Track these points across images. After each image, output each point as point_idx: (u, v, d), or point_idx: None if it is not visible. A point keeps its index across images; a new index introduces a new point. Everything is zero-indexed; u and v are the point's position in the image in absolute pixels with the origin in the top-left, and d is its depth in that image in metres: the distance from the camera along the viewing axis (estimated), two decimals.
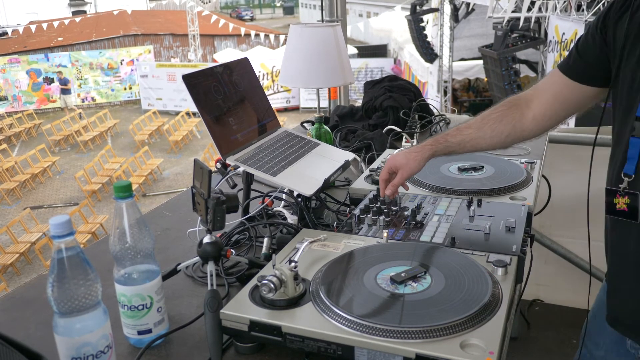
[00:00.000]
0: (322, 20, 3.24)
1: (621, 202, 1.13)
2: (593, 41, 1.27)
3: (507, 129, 1.41)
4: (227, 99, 1.64)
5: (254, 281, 1.16)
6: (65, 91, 19.67)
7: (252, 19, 50.80)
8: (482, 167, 1.81)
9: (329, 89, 3.11)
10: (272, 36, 22.09)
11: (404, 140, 2.30)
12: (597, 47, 1.26)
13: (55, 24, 22.84)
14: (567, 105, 1.37)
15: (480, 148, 1.45)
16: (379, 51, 22.15)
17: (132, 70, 21.17)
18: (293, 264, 1.14)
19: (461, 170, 1.80)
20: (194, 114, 16.95)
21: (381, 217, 1.47)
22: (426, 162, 1.45)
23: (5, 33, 24.06)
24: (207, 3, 22.71)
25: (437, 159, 1.50)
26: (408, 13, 13.37)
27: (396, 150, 1.79)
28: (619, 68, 1.19)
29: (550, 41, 9.43)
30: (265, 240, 1.49)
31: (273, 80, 19.28)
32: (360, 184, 1.77)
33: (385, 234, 1.35)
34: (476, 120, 1.45)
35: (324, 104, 3.07)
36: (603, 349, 1.33)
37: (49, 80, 20.54)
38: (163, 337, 1.16)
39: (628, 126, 1.13)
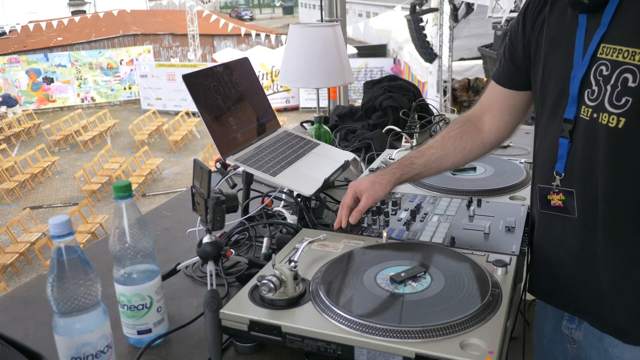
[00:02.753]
0: (322, 20, 3.24)
1: (556, 199, 1.19)
2: (517, 44, 1.30)
3: (468, 144, 1.43)
4: (227, 98, 1.64)
5: (253, 281, 1.16)
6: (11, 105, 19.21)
7: (251, 19, 50.82)
8: (482, 167, 1.81)
9: (329, 89, 3.11)
10: (272, 36, 22.09)
11: (403, 140, 2.30)
12: (522, 49, 1.29)
13: (55, 23, 22.83)
14: (516, 112, 1.40)
15: (446, 167, 1.46)
16: (379, 51, 22.15)
17: (131, 70, 21.18)
18: (293, 263, 1.14)
19: (461, 170, 1.80)
20: (194, 113, 16.96)
21: (381, 217, 1.47)
22: (393, 187, 1.42)
23: (4, 33, 24.06)
24: (206, 3, 22.69)
25: None
26: (407, 13, 13.36)
27: (362, 175, 1.78)
28: (538, 69, 1.22)
29: None
30: (265, 240, 1.49)
31: (273, 80, 19.28)
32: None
33: (385, 234, 1.35)
34: (436, 140, 1.45)
35: (324, 103, 3.07)
36: (547, 336, 1.36)
37: (49, 80, 20.53)
38: (163, 337, 1.16)
39: (555, 127, 1.17)
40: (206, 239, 1.18)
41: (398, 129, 2.37)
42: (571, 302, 1.24)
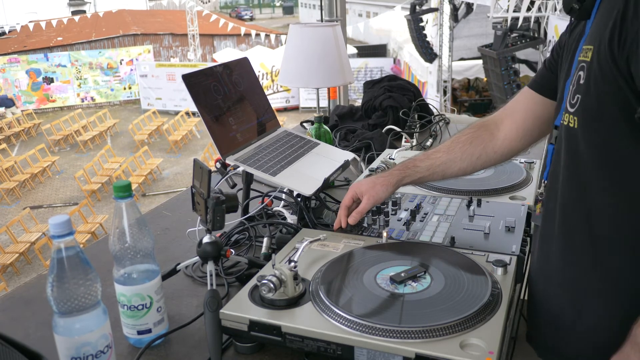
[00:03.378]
0: (322, 20, 3.24)
1: (537, 209, 1.19)
2: (557, 54, 1.28)
3: (477, 150, 1.37)
4: (227, 98, 1.64)
5: (253, 281, 1.16)
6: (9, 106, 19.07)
7: (251, 19, 50.80)
8: None
9: (329, 89, 3.11)
10: (272, 36, 22.08)
11: (403, 140, 2.31)
12: (559, 60, 1.27)
13: (55, 23, 22.83)
14: (539, 122, 1.34)
15: (451, 172, 1.40)
16: (379, 51, 22.14)
17: (131, 70, 21.17)
18: (293, 263, 1.14)
19: None
20: (194, 113, 16.95)
21: (381, 217, 1.46)
22: (394, 189, 1.39)
23: (4, 33, 24.06)
24: (206, 3, 22.69)
25: None
26: (408, 13, 13.36)
27: (362, 176, 1.78)
28: (558, 79, 1.22)
29: (550, 41, 9.43)
30: (265, 240, 1.49)
31: (272, 80, 19.28)
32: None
33: (385, 234, 1.35)
34: (445, 144, 1.41)
35: (324, 103, 3.07)
36: None
37: (49, 80, 20.53)
38: (163, 337, 1.16)
39: (552, 134, 1.18)
40: (206, 239, 1.18)
41: (398, 129, 2.37)
42: (531, 334, 1.23)
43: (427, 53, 13.43)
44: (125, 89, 21.49)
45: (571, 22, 1.23)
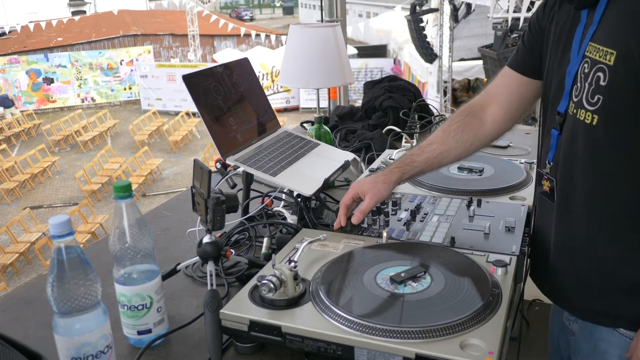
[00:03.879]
0: (322, 21, 3.24)
1: (545, 185, 1.26)
2: (536, 31, 1.31)
3: (469, 137, 1.42)
4: (227, 99, 1.64)
5: (253, 281, 1.16)
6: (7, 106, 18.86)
7: (251, 19, 50.81)
8: (482, 167, 1.81)
9: (329, 89, 3.11)
10: (272, 36, 22.08)
11: (403, 140, 2.30)
12: (539, 37, 1.31)
13: (55, 23, 22.83)
14: (524, 102, 1.40)
15: (448, 161, 1.45)
16: (379, 51, 22.14)
17: (131, 70, 21.17)
18: (293, 263, 1.14)
19: (461, 170, 1.80)
20: (194, 114, 16.95)
21: (381, 217, 1.46)
22: (395, 186, 1.42)
23: (4, 33, 24.06)
24: (206, 3, 22.68)
25: None
26: (408, 13, 13.36)
27: (362, 175, 1.78)
28: (546, 61, 1.26)
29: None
30: (265, 240, 1.49)
31: (273, 81, 19.28)
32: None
33: (385, 234, 1.35)
34: (436, 135, 1.44)
35: (324, 104, 3.07)
36: (555, 326, 1.40)
37: (49, 81, 20.53)
38: (163, 337, 1.16)
39: (552, 118, 1.23)
40: (206, 239, 1.18)
41: (398, 129, 2.37)
42: (555, 292, 1.29)
43: (427, 53, 13.43)
44: (125, 89, 21.49)
45: (552, 3, 1.26)
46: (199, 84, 1.56)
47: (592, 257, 1.18)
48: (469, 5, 13.20)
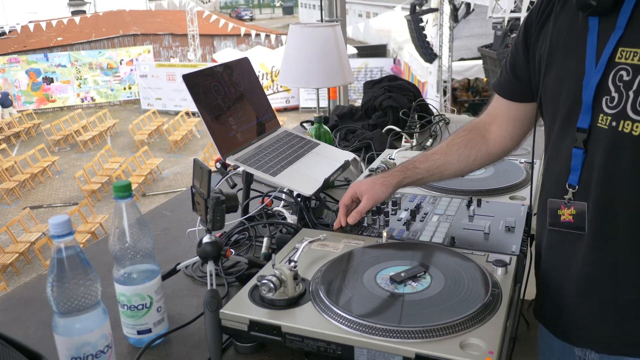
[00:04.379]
0: (322, 20, 3.23)
1: (567, 214, 1.13)
2: (518, 56, 1.26)
3: (473, 152, 1.40)
4: (227, 98, 1.64)
5: (253, 281, 1.16)
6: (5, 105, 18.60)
7: (251, 19, 50.81)
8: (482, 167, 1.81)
9: (329, 89, 3.11)
10: (272, 36, 22.08)
11: (403, 140, 2.31)
12: (524, 61, 1.25)
13: (55, 23, 22.83)
14: (520, 123, 1.35)
15: (449, 173, 1.42)
16: (379, 51, 22.14)
17: (131, 70, 21.17)
18: (293, 263, 1.14)
19: None
20: (194, 113, 16.96)
21: (381, 217, 1.46)
22: (394, 190, 1.41)
23: (4, 33, 24.05)
24: (206, 3, 22.67)
25: None
26: (407, 13, 13.36)
27: (362, 176, 1.78)
28: (548, 78, 1.18)
29: None
30: (265, 240, 1.49)
31: (273, 80, 19.28)
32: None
33: (384, 234, 1.35)
34: (441, 146, 1.43)
35: (324, 103, 3.07)
36: (556, 355, 1.31)
37: (49, 80, 20.53)
38: (163, 337, 1.16)
39: (569, 137, 1.12)
40: (206, 239, 1.18)
41: (398, 129, 2.37)
42: (577, 334, 1.19)
43: (427, 53, 13.43)
44: (125, 89, 21.49)
45: (539, 17, 1.20)
46: (199, 84, 1.56)
47: (636, 287, 1.08)
48: (468, 5, 13.20)
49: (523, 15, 9.45)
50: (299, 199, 1.56)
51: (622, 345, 1.12)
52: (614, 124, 1.04)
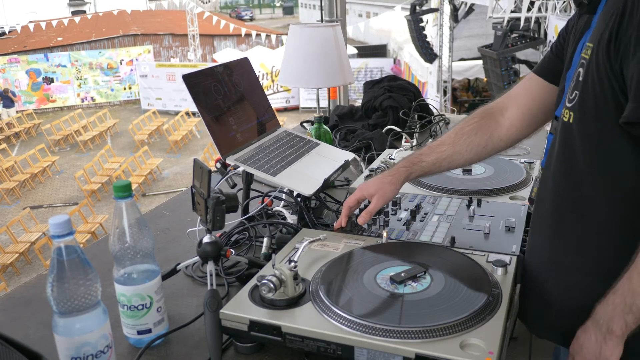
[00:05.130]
0: (322, 20, 3.23)
1: (534, 192, 1.21)
2: (563, 39, 1.29)
3: (483, 140, 1.37)
4: (227, 98, 1.64)
5: (253, 281, 1.16)
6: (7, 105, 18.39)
7: (251, 19, 50.79)
8: (482, 167, 1.82)
9: (329, 89, 3.11)
10: (272, 36, 22.07)
11: (403, 140, 2.31)
12: (566, 45, 1.29)
13: (55, 23, 22.83)
14: (545, 108, 1.33)
15: (457, 164, 1.40)
16: (379, 51, 22.14)
17: (131, 70, 21.16)
18: (293, 263, 1.14)
19: (461, 170, 1.80)
20: (194, 113, 16.95)
21: (381, 217, 1.46)
22: (401, 186, 1.39)
23: (4, 33, 24.06)
24: (206, 3, 22.67)
25: None
26: (408, 13, 13.36)
27: (362, 176, 1.78)
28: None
29: (550, 41, 9.43)
30: (265, 240, 1.49)
31: (273, 80, 19.27)
32: (360, 184, 1.77)
33: (385, 234, 1.35)
34: (449, 135, 1.40)
35: (324, 103, 3.07)
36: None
37: (49, 80, 20.53)
38: (163, 337, 1.16)
39: (552, 124, 1.22)
40: (206, 239, 1.18)
41: (398, 129, 2.37)
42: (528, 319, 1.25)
43: (427, 53, 13.43)
44: (125, 89, 21.48)
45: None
46: (199, 84, 1.56)
47: (561, 269, 1.13)
48: (468, 5, 13.20)
49: (523, 15, 9.45)
50: (299, 199, 1.56)
51: (556, 334, 1.18)
52: (561, 112, 1.12)
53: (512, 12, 9.58)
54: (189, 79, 1.53)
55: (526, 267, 1.24)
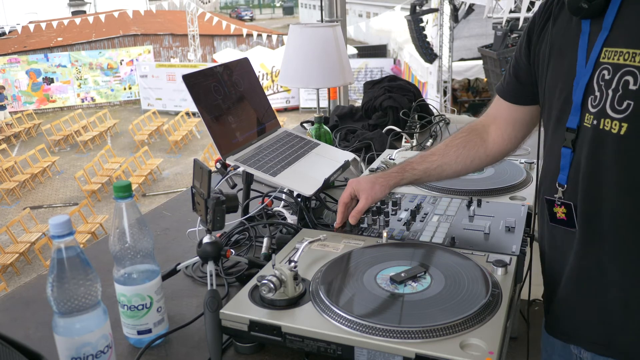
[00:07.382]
0: (322, 21, 3.24)
1: (560, 212, 1.16)
2: (521, 59, 1.29)
3: (471, 154, 1.42)
4: (227, 99, 1.64)
5: (253, 281, 1.16)
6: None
7: (251, 19, 50.80)
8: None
9: (329, 89, 3.11)
10: (272, 36, 22.07)
11: (403, 140, 2.31)
12: (526, 64, 1.28)
13: (55, 24, 22.82)
14: (520, 126, 1.38)
15: (447, 175, 1.45)
16: (379, 51, 22.13)
17: (131, 70, 21.17)
18: (293, 263, 1.14)
19: None
20: (194, 114, 16.95)
21: (381, 217, 1.47)
22: (391, 190, 1.43)
23: (4, 33, 24.06)
24: (206, 3, 22.66)
25: None
26: (408, 13, 13.36)
27: (362, 175, 1.78)
28: (544, 79, 1.21)
29: None
30: (265, 240, 1.49)
31: (273, 80, 19.27)
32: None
33: (385, 234, 1.35)
34: (439, 147, 1.45)
35: (324, 104, 3.07)
36: (557, 353, 1.31)
37: (49, 81, 20.53)
38: (163, 337, 1.16)
39: (559, 136, 1.15)
40: (206, 239, 1.18)
41: (398, 129, 2.37)
42: (569, 331, 1.21)
43: (427, 53, 13.43)
44: (125, 89, 21.48)
45: (540, 20, 1.23)
46: (199, 84, 1.56)
47: (625, 284, 1.08)
48: (468, 5, 13.20)
49: (523, 15, 9.45)
50: (299, 199, 1.56)
51: (607, 347, 1.13)
52: (595, 122, 1.06)
53: (511, 12, 9.58)
54: (189, 79, 1.53)
55: (572, 281, 1.17)
